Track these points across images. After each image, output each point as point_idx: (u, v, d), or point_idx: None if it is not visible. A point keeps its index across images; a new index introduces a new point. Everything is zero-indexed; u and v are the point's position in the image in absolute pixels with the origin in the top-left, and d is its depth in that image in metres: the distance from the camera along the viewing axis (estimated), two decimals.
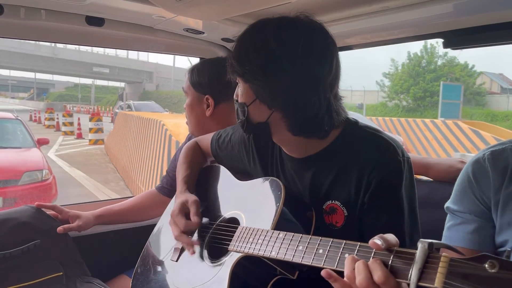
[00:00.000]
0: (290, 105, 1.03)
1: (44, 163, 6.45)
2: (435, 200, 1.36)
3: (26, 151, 6.93)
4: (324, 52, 1.03)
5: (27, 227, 1.43)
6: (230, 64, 1.09)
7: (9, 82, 72.88)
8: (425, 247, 0.69)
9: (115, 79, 52.09)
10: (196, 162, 1.43)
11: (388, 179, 1.03)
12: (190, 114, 1.62)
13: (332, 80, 1.04)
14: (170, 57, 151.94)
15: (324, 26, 1.06)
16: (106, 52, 48.16)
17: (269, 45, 1.01)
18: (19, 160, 6.49)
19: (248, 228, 1.06)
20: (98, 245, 1.64)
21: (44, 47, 43.20)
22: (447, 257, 0.67)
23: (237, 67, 1.07)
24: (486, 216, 1.01)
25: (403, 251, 0.74)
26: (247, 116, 1.10)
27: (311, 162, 1.12)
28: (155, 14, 1.49)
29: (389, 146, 1.05)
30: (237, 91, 1.14)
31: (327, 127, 1.05)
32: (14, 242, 1.38)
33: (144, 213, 1.71)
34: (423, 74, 27.75)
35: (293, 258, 0.91)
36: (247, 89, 1.08)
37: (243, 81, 1.08)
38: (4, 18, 1.38)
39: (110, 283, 1.57)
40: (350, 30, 1.43)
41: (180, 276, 1.21)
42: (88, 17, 1.51)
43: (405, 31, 1.43)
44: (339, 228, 1.07)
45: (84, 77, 53.58)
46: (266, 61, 1.01)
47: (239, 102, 1.11)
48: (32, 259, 1.39)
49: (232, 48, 1.10)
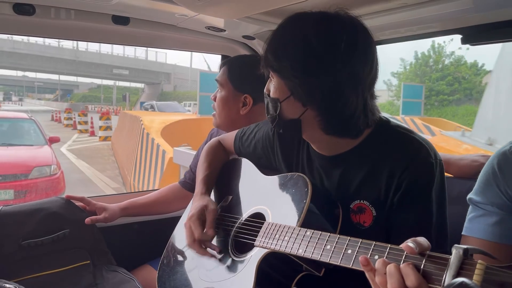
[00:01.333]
0: (327, 104, 0.98)
1: (53, 159, 6.87)
2: (452, 196, 1.32)
3: (37, 148, 7.36)
4: (367, 51, 0.98)
5: (57, 217, 1.46)
6: (265, 58, 1.03)
7: (36, 84, 74.73)
8: (460, 253, 0.66)
9: (134, 80, 52.75)
10: (217, 161, 1.41)
11: (419, 181, 0.98)
12: (222, 108, 1.57)
13: (371, 80, 1.00)
14: (188, 59, 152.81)
15: (364, 24, 1.00)
16: (125, 54, 48.89)
17: (310, 41, 0.95)
18: (29, 156, 6.91)
19: (274, 224, 1.05)
20: (123, 236, 1.67)
21: (67, 50, 44.15)
22: (483, 264, 0.64)
23: (273, 62, 1.01)
24: (509, 209, 0.98)
25: (436, 256, 0.71)
26: (279, 112, 1.04)
27: (340, 160, 1.08)
28: (178, 12, 1.50)
29: (421, 147, 1.01)
30: (268, 85, 1.09)
31: (362, 127, 1.02)
32: (45, 230, 1.42)
33: (167, 206, 1.73)
34: (429, 73, 27.42)
35: (320, 257, 0.89)
36: (282, 85, 1.02)
37: (279, 77, 1.02)
38: (36, 18, 1.41)
39: (134, 272, 1.59)
40: (371, 26, 1.42)
41: (205, 269, 1.21)
42: (114, 16, 1.53)
43: (423, 27, 1.40)
44: (367, 228, 1.04)
45: (104, 78, 54.50)
46: (305, 58, 0.96)
47: (271, 97, 1.06)
48: (62, 248, 1.43)
49: (267, 42, 1.03)
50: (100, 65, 45.60)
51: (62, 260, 1.40)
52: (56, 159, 7.13)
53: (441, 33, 1.41)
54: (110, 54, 47.71)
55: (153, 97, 43.17)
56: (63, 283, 1.35)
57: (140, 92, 51.03)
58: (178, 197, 1.70)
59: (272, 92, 1.06)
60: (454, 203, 1.28)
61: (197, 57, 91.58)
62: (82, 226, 1.48)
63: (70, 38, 1.58)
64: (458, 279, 0.44)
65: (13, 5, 1.35)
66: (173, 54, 29.95)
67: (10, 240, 1.37)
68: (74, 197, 1.57)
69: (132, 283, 1.40)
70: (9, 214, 1.42)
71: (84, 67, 45.07)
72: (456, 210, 1.16)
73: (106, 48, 64.14)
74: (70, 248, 1.44)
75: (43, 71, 50.74)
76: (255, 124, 1.36)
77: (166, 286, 1.29)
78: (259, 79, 1.41)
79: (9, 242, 1.37)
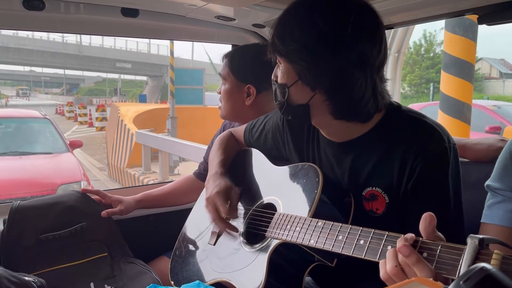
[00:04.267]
0: (335, 87, 0.96)
1: (81, 173, 5.32)
2: (470, 181, 1.29)
3: (58, 156, 5.76)
4: (374, 32, 0.96)
5: (74, 210, 1.46)
6: (272, 43, 1.01)
7: (42, 79, 74.84)
8: (475, 243, 0.64)
9: (137, 73, 52.60)
10: (230, 149, 1.39)
11: (433, 166, 0.96)
12: (227, 101, 1.57)
13: (380, 62, 0.98)
14: (189, 51, 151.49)
15: (372, 6, 0.98)
16: (128, 48, 48.63)
17: (317, 24, 0.93)
18: (52, 169, 5.32)
19: (286, 214, 1.03)
20: (139, 228, 1.66)
21: (71, 45, 44.12)
22: (499, 254, 0.62)
23: (280, 46, 0.98)
24: None
25: (450, 246, 0.69)
26: (287, 98, 1.02)
27: (351, 147, 1.05)
28: (187, 2, 1.46)
29: (434, 131, 0.98)
30: (276, 71, 1.07)
31: (371, 110, 0.99)
32: (62, 224, 1.41)
33: (182, 198, 1.71)
34: (420, 62, 27.46)
35: (332, 247, 0.87)
36: (289, 69, 1.00)
37: (286, 61, 1.00)
38: (46, 13, 1.39)
39: (152, 263, 1.58)
40: (385, 9, 1.37)
41: (217, 259, 1.20)
42: (123, 8, 1.50)
43: (440, 8, 1.34)
44: (380, 215, 1.02)
45: (108, 72, 54.42)
46: (313, 41, 0.93)
47: (279, 83, 1.04)
48: (79, 241, 1.42)
49: (274, 26, 1.01)
50: (104, 59, 45.46)
51: (79, 253, 1.40)
52: (83, 170, 5.55)
53: (456, 14, 1.36)
54: (113, 48, 47.53)
55: (156, 90, 43.04)
56: (81, 276, 1.35)
57: (144, 85, 50.94)
58: (193, 188, 1.69)
59: (279, 78, 1.04)
60: (472, 189, 1.24)
61: (198, 50, 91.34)
62: (98, 219, 1.48)
63: (80, 32, 1.56)
64: (478, 265, 0.42)
65: (23, 1, 1.33)
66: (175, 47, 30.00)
67: (28, 234, 1.37)
68: (89, 190, 1.57)
69: (149, 274, 1.40)
70: (26, 209, 1.41)
71: (88, 61, 44.99)
72: (475, 196, 1.13)
73: (108, 42, 63.94)
74: (87, 241, 1.43)
75: (49, 66, 50.78)
76: (264, 116, 1.34)
77: (179, 277, 1.28)
78: (260, 68, 1.37)
79: (27, 236, 1.36)
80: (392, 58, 6.68)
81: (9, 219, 1.37)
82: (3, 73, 72.86)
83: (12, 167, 5.16)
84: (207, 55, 41.57)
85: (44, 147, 5.99)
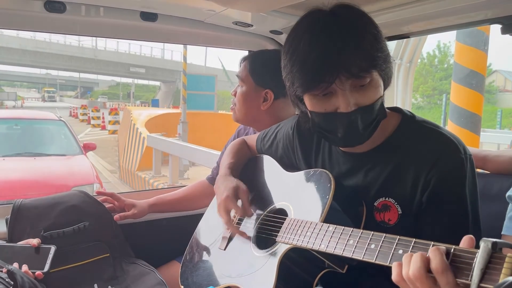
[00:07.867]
0: None
1: (94, 175, 5.29)
2: (491, 193, 1.26)
3: (71, 159, 5.76)
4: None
5: (76, 210, 1.44)
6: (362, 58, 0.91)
7: (58, 82, 76.13)
8: (488, 246, 0.62)
9: (150, 78, 53.31)
10: (242, 154, 1.38)
11: (449, 178, 0.93)
12: (242, 104, 1.54)
13: None
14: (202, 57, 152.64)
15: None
16: (142, 53, 49.34)
17: (377, 31, 0.95)
18: (66, 171, 5.29)
19: (297, 220, 1.02)
20: (152, 232, 1.64)
21: (87, 49, 44.90)
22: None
23: (368, 59, 0.91)
24: None
25: (463, 250, 0.67)
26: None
27: (364, 158, 1.04)
28: (205, 8, 1.46)
29: (450, 142, 0.95)
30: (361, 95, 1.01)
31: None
32: (65, 223, 1.39)
33: (195, 203, 1.70)
34: (433, 73, 27.24)
35: (343, 252, 0.85)
36: (379, 80, 0.96)
37: (377, 72, 0.94)
38: (66, 15, 1.39)
39: (163, 268, 1.56)
40: (404, 18, 1.34)
41: (228, 264, 1.18)
42: (142, 12, 1.50)
43: (461, 17, 1.32)
44: (392, 226, 0.99)
45: (122, 76, 55.23)
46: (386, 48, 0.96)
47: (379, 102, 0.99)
48: (83, 240, 1.40)
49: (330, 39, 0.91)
50: (118, 63, 46.18)
51: (82, 253, 1.38)
52: (96, 173, 5.52)
53: (479, 23, 1.34)
54: (127, 52, 48.23)
55: (169, 95, 43.46)
56: (85, 277, 1.33)
57: (157, 90, 51.47)
58: (206, 193, 1.67)
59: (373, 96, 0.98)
60: (493, 201, 1.21)
61: (211, 56, 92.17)
62: (100, 219, 1.46)
63: (99, 35, 1.56)
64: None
65: (45, 3, 1.33)
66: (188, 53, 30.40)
67: (31, 232, 1.34)
68: (103, 192, 1.56)
69: (152, 274, 1.38)
70: (28, 207, 1.39)
71: (103, 65, 45.77)
72: (496, 208, 1.10)
73: (123, 47, 64.78)
74: (90, 241, 1.41)
75: (65, 69, 51.67)
76: (276, 125, 1.33)
77: (189, 282, 1.27)
78: (281, 74, 1.35)
79: (29, 234, 1.34)
80: (404, 68, 6.64)
81: (12, 217, 1.35)
82: (20, 75, 74.37)
83: (26, 167, 5.20)
84: (220, 61, 41.96)
85: (59, 149, 6.00)
